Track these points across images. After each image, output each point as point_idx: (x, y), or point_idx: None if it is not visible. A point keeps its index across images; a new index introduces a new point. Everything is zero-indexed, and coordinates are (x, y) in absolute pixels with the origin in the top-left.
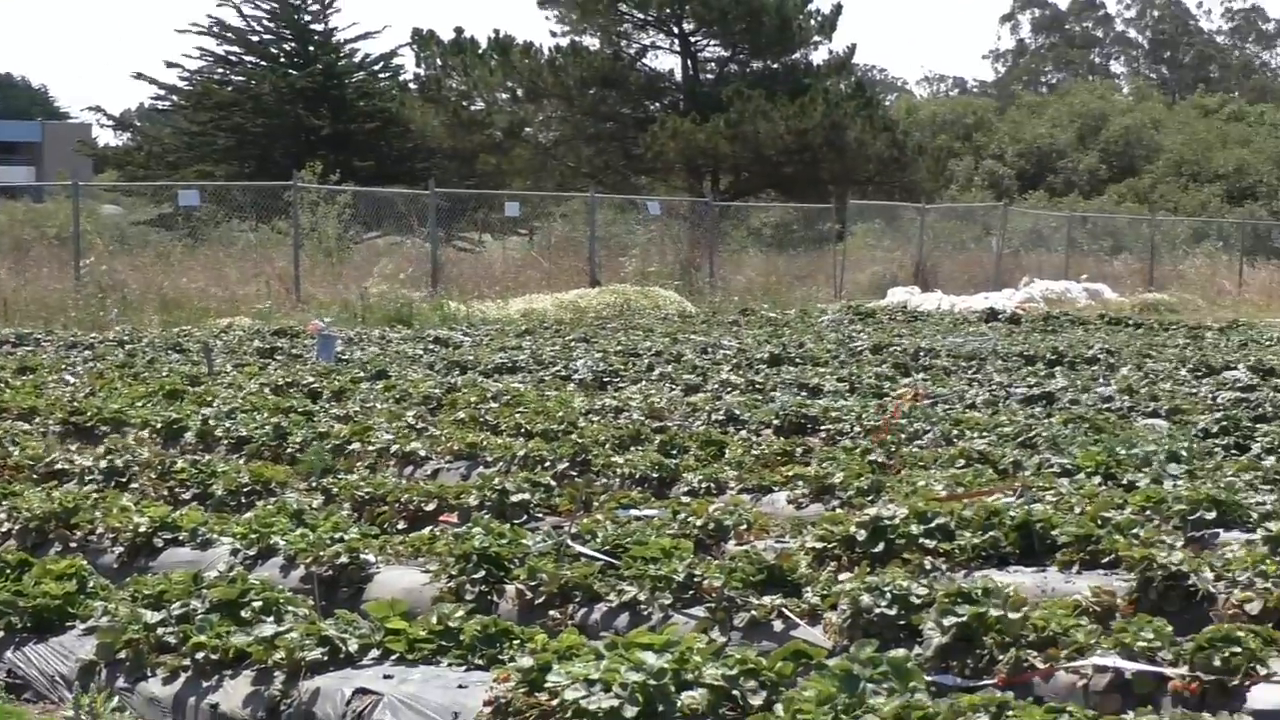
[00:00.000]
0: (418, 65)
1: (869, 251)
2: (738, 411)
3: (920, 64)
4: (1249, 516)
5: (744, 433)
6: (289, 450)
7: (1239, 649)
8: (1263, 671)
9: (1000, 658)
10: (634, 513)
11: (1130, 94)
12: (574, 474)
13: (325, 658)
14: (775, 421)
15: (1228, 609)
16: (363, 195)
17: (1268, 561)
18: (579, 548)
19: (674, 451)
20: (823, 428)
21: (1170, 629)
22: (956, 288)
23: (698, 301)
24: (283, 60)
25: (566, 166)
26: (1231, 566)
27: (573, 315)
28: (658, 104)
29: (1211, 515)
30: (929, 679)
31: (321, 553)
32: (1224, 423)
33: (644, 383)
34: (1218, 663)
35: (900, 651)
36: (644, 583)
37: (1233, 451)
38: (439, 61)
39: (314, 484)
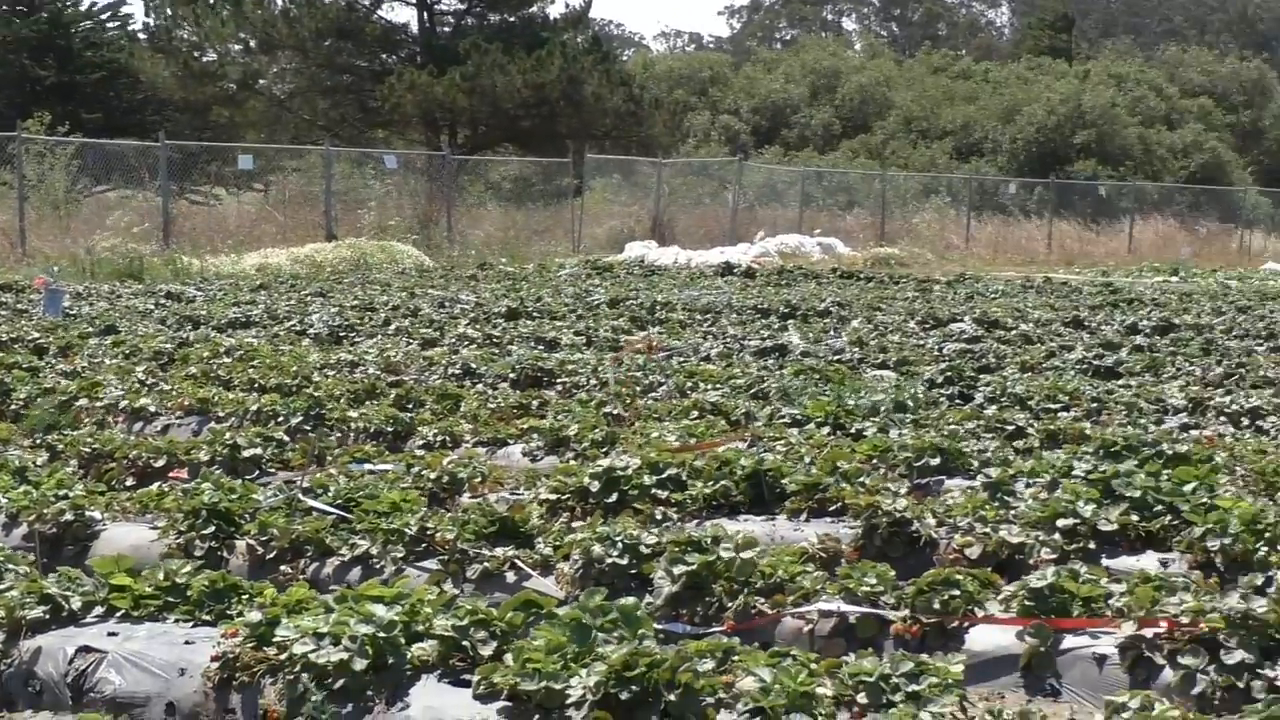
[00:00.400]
0: (147, 15)
1: (607, 206)
2: (474, 365)
3: (657, 19)
4: (971, 464)
5: (480, 386)
6: (12, 407)
7: (958, 592)
8: (981, 614)
9: (729, 604)
10: (368, 467)
11: (862, 51)
12: (308, 429)
13: (47, 616)
14: (512, 375)
15: (949, 554)
16: (91, 147)
17: (987, 507)
18: (311, 502)
19: (409, 405)
20: (559, 381)
21: (893, 574)
22: (693, 242)
23: (436, 256)
24: (5, 8)
25: (302, 119)
26: (953, 512)
27: (309, 270)
28: (394, 57)
29: (935, 463)
30: (659, 627)
31: (45, 510)
32: (949, 373)
33: (380, 337)
34: (937, 606)
35: (630, 600)
36: (376, 536)
37: (957, 401)
38: (169, 11)
39: (39, 440)
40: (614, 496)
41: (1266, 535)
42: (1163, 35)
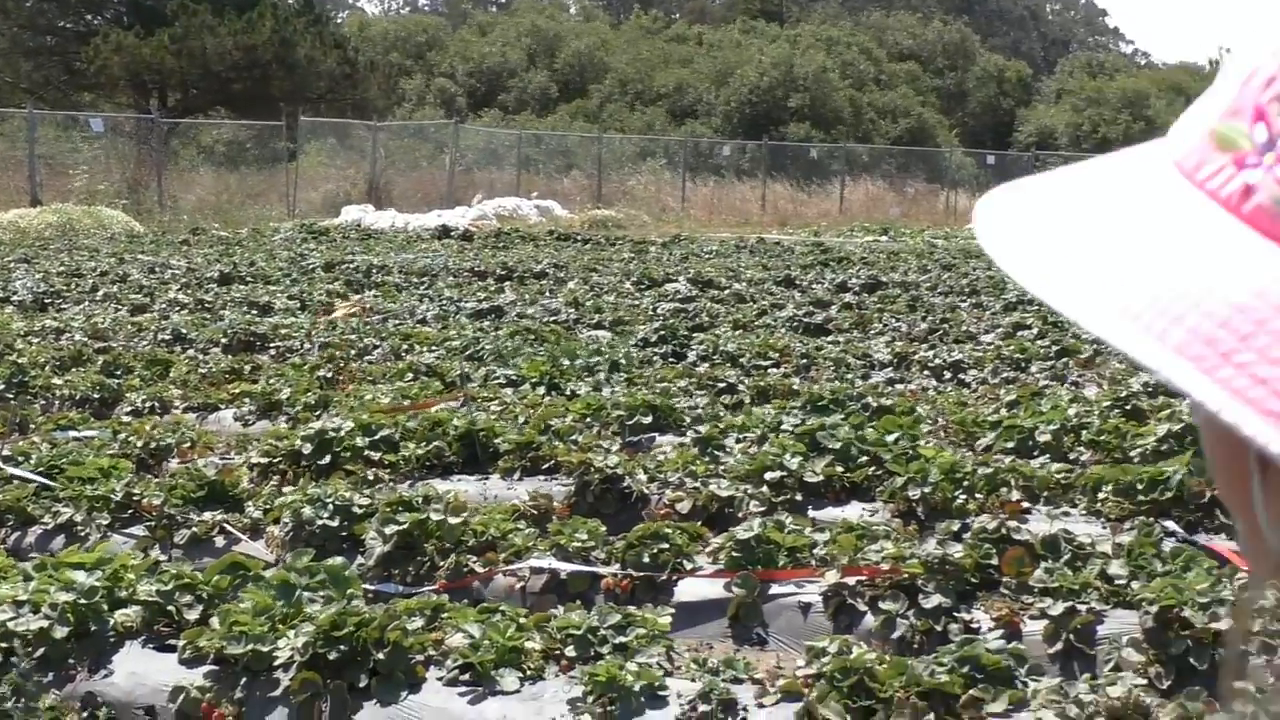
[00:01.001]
0: None
1: (323, 170)
2: (185, 330)
3: None
4: (683, 420)
5: (191, 352)
6: None
7: (668, 545)
8: (689, 566)
9: (441, 563)
10: (73, 434)
11: (578, 14)
12: (9, 396)
13: None
14: (224, 340)
15: (660, 508)
16: None
17: (697, 462)
18: (12, 470)
19: (117, 372)
20: (272, 345)
21: (604, 529)
22: (411, 206)
23: (147, 221)
24: None
25: (4, 82)
26: (664, 468)
27: (13, 236)
28: (100, 17)
29: (648, 420)
30: (372, 587)
31: None
32: (663, 332)
33: (88, 304)
34: (647, 559)
35: (338, 560)
36: (80, 503)
37: (670, 359)
38: None
39: None
40: (326, 459)
41: (965, 484)
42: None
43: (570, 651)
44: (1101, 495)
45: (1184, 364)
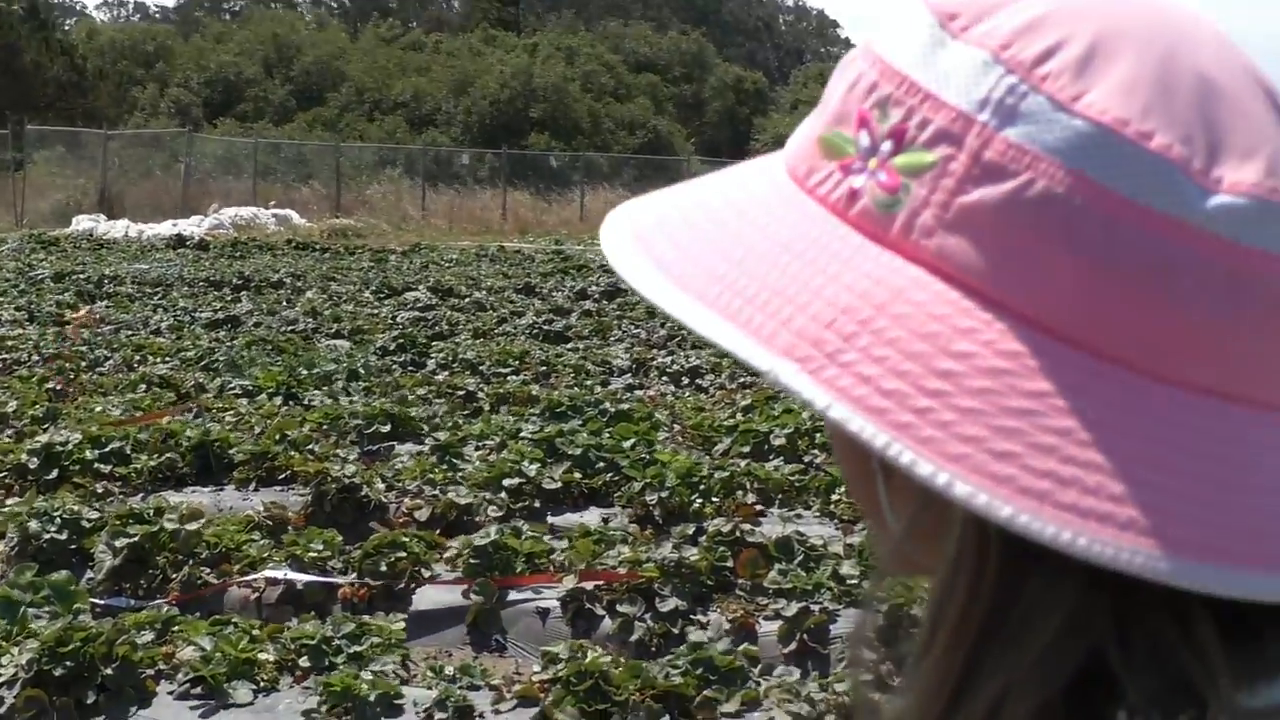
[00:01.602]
0: None
1: (52, 179)
2: None
3: None
4: (422, 428)
5: None
6: None
7: (405, 554)
8: (427, 574)
9: (174, 576)
10: None
11: (312, 22)
12: None
13: None
14: None
15: (399, 517)
16: None
17: (436, 470)
18: None
19: None
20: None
21: (341, 539)
22: (144, 215)
23: None
24: None
25: None
26: (402, 476)
27: None
28: None
29: (387, 429)
30: (101, 602)
31: None
32: (402, 341)
33: None
34: (384, 568)
35: (63, 574)
36: None
37: (410, 367)
38: None
39: None
40: (54, 472)
41: (701, 487)
42: (606, 9)
43: (304, 662)
44: (835, 497)
45: (789, 365)
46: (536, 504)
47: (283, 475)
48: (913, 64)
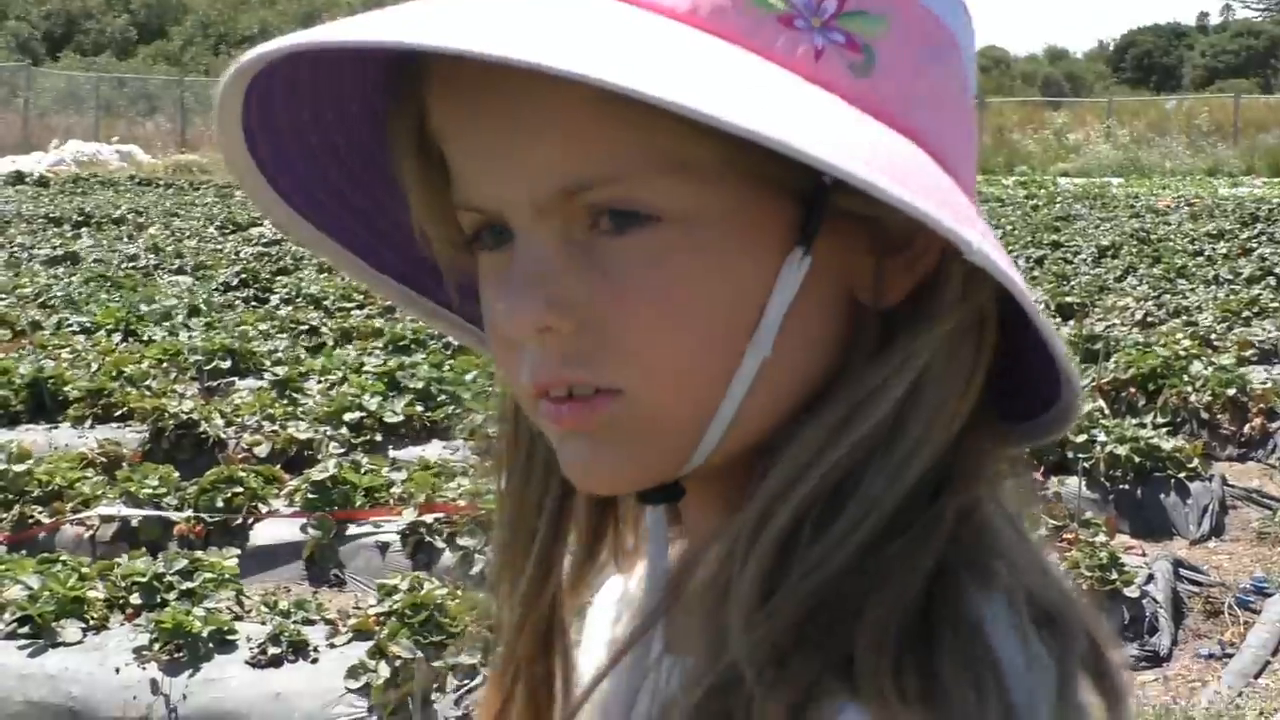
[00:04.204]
0: None
1: None
2: None
3: None
4: (263, 364)
5: None
6: None
7: (241, 489)
8: (265, 510)
9: (4, 515)
10: None
11: None
12: None
13: None
14: None
15: (239, 453)
16: None
17: (275, 405)
18: None
19: None
20: None
21: (177, 475)
22: None
23: None
24: None
25: None
26: (242, 412)
27: None
28: None
29: (227, 364)
30: None
31: None
32: (244, 276)
33: None
34: (221, 504)
35: None
36: None
37: (253, 303)
38: None
39: None
40: None
41: None
42: None
43: (135, 599)
44: None
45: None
46: (378, 438)
47: (120, 413)
48: None
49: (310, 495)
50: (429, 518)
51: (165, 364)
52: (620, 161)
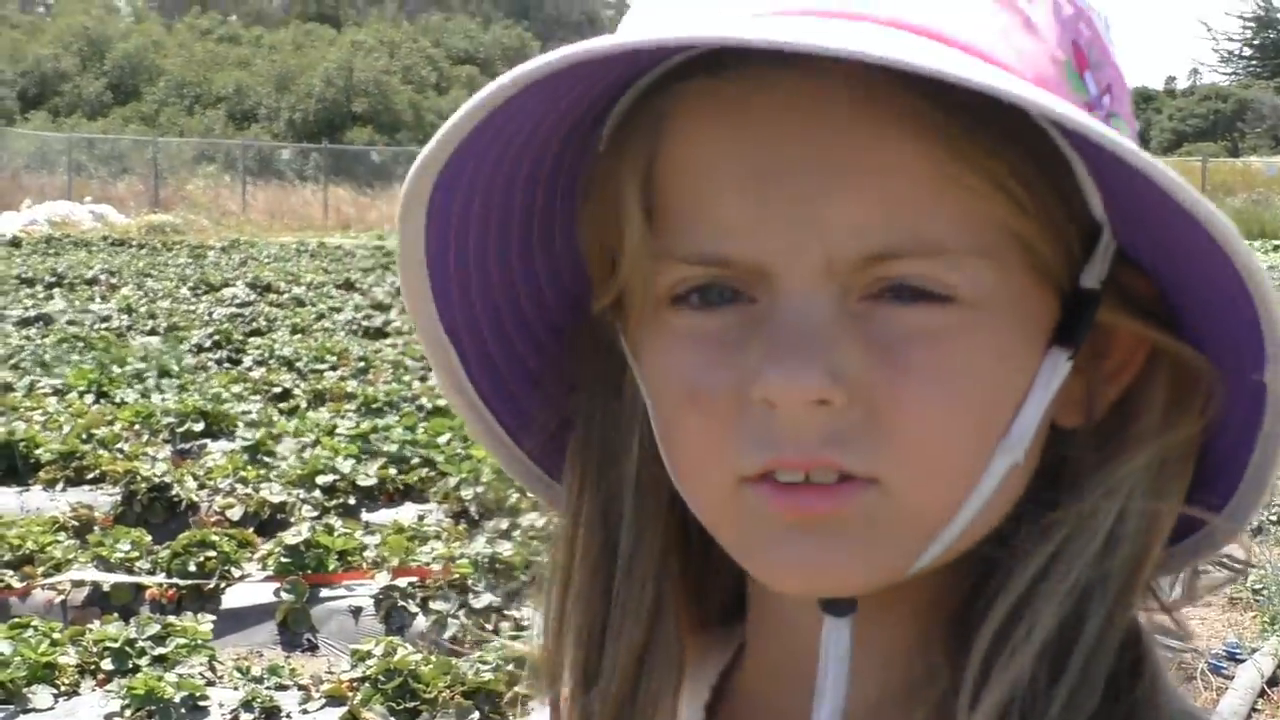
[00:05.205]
0: None
1: None
2: None
3: None
4: (236, 426)
5: None
6: None
7: (214, 553)
8: (238, 574)
9: None
10: None
11: (128, 14)
12: None
13: None
14: None
15: (211, 516)
16: None
17: (248, 468)
18: None
19: None
20: None
21: (150, 539)
22: None
23: None
24: None
25: None
26: (214, 475)
27: None
28: None
29: (200, 426)
30: None
31: None
32: (217, 337)
33: None
34: (193, 568)
35: None
36: None
37: (225, 364)
38: None
39: None
40: None
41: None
42: (428, 2)
43: (107, 664)
44: None
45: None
46: (351, 501)
47: (92, 475)
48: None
49: (283, 559)
50: (402, 581)
51: (137, 426)
52: (945, 235)
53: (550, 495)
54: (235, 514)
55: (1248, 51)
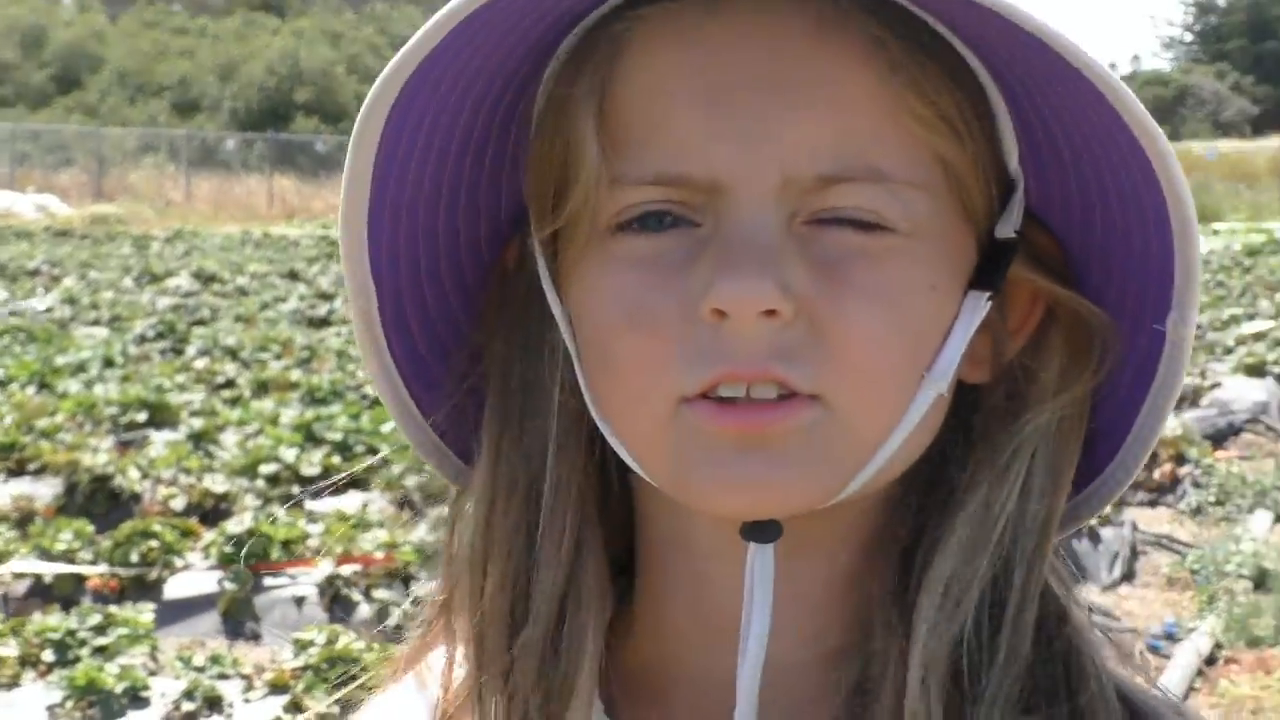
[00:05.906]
0: None
1: None
2: None
3: None
4: (179, 416)
5: None
6: None
7: (157, 543)
8: (181, 564)
9: None
10: None
11: (73, 5)
12: None
13: None
14: None
15: (154, 506)
16: None
17: (191, 458)
18: None
19: None
20: None
21: (92, 529)
22: None
23: None
24: None
25: None
26: (157, 465)
27: None
28: None
29: (143, 416)
30: None
31: None
32: (161, 328)
33: None
34: (136, 558)
35: None
36: None
37: (169, 354)
38: None
39: None
40: None
41: None
42: None
43: (48, 656)
44: None
45: None
46: (295, 489)
47: (33, 466)
48: None
49: (226, 548)
50: (346, 570)
51: (80, 417)
52: (890, 164)
53: (446, 468)
54: (179, 504)
55: (1189, 37)
